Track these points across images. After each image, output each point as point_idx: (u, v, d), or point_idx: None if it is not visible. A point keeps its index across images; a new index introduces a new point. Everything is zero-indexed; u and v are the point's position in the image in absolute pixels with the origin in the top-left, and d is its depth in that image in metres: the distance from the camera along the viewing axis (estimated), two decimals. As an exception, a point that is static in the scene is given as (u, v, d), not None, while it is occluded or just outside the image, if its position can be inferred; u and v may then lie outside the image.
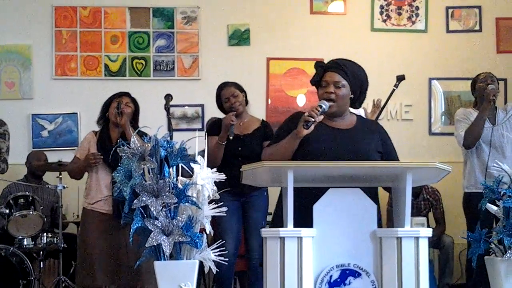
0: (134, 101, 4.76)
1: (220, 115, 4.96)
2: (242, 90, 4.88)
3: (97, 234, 4.48)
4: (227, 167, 4.30)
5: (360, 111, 4.67)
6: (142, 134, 4.01)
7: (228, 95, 4.81)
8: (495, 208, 3.52)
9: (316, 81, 3.37)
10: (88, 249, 4.49)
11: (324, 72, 3.34)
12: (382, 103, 5.52)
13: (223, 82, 4.94)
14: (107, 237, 4.46)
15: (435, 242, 6.11)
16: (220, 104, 4.87)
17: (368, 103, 5.89)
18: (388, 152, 3.35)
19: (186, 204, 3.08)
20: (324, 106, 3.23)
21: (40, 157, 6.26)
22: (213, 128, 4.82)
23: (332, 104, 3.27)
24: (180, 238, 3.01)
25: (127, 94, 4.77)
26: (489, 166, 4.66)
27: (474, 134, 4.85)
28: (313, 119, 3.17)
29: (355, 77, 3.33)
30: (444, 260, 6.20)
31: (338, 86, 3.29)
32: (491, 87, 4.83)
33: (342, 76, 3.30)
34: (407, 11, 7.01)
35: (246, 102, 4.91)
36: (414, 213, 5.96)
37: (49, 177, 6.17)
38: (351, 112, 3.44)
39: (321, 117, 3.22)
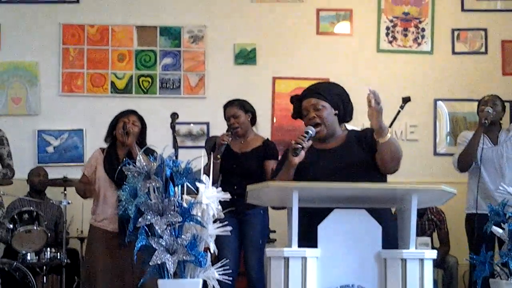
0: (141, 119, 4.78)
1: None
2: (247, 110, 4.89)
3: (102, 252, 4.49)
4: (222, 185, 4.32)
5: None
6: (148, 152, 4.02)
7: (229, 115, 4.87)
8: (500, 231, 3.51)
9: (297, 114, 3.39)
10: (93, 266, 4.49)
11: (301, 102, 3.36)
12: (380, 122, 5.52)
13: (231, 100, 4.97)
14: (112, 255, 4.46)
15: (439, 262, 6.09)
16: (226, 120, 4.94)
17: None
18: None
19: (191, 223, 3.08)
20: (310, 132, 3.24)
21: (39, 173, 6.27)
22: (211, 145, 4.89)
23: (319, 128, 3.28)
24: (184, 257, 3.00)
25: (134, 112, 4.78)
26: (490, 186, 4.69)
27: (466, 158, 4.88)
28: (300, 146, 3.18)
29: (330, 93, 3.33)
30: (448, 281, 6.18)
31: (317, 108, 3.29)
32: (486, 109, 4.84)
33: (318, 98, 3.30)
34: (413, 32, 7.03)
35: (254, 121, 4.93)
36: (419, 233, 5.93)
37: (54, 193, 6.18)
38: (344, 129, 3.43)
39: (310, 142, 3.22)
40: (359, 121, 3.53)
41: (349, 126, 3.61)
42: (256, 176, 4.55)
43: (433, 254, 2.97)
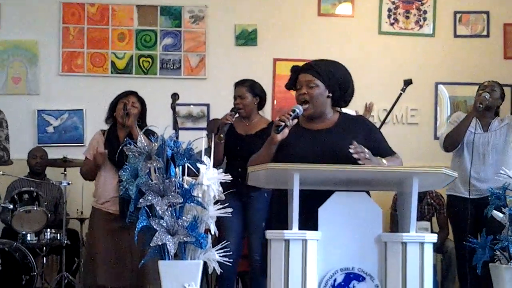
0: (141, 100, 4.76)
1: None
2: (256, 93, 4.85)
3: (103, 234, 4.49)
4: (227, 167, 4.31)
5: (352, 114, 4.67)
6: (149, 133, 4.01)
7: (236, 94, 4.84)
8: (501, 215, 3.51)
9: (290, 85, 3.35)
10: (93, 248, 4.50)
11: (298, 75, 3.32)
12: (375, 107, 5.53)
13: (243, 79, 4.94)
14: (113, 237, 4.46)
15: (438, 247, 6.10)
16: None
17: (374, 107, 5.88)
18: (373, 147, 3.18)
19: (192, 204, 3.08)
20: (297, 110, 3.21)
21: (36, 155, 6.23)
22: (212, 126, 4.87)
23: (306, 106, 3.25)
24: (185, 238, 3.01)
25: (134, 94, 4.76)
26: (469, 171, 4.70)
27: (453, 138, 4.84)
28: (283, 123, 3.16)
29: (329, 75, 3.27)
30: (446, 265, 6.19)
31: (310, 86, 3.25)
32: (484, 95, 4.80)
33: (314, 75, 3.25)
34: (415, 15, 7.00)
35: (261, 106, 4.90)
36: (418, 218, 5.92)
37: (54, 173, 6.18)
38: (336, 111, 3.38)
39: (294, 121, 3.19)
40: (357, 104, 3.49)
41: (344, 109, 3.58)
42: None
43: (433, 237, 2.97)
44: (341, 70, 3.33)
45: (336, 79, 3.29)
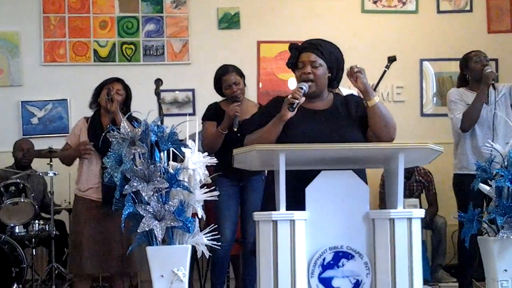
0: (126, 87, 4.72)
1: (214, 97, 4.90)
2: (242, 75, 4.80)
3: (87, 222, 4.45)
4: (225, 153, 4.27)
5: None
6: (132, 119, 3.98)
7: (230, 82, 4.70)
8: (487, 188, 3.51)
9: (292, 63, 3.34)
10: (78, 237, 4.46)
11: (299, 53, 3.31)
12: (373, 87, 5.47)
13: (223, 65, 4.81)
14: (97, 224, 4.43)
15: (428, 223, 6.13)
16: (219, 87, 4.80)
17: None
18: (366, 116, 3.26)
19: (178, 188, 3.07)
20: (304, 88, 3.21)
21: (22, 147, 6.12)
22: (211, 113, 4.77)
23: (311, 84, 3.25)
24: (172, 223, 2.99)
25: (119, 80, 4.72)
26: (481, 146, 4.62)
27: (472, 118, 4.72)
28: (297, 101, 3.16)
29: (330, 55, 3.31)
30: (436, 241, 6.23)
31: (315, 66, 3.27)
32: (489, 69, 4.73)
33: (317, 55, 3.28)
34: (397, -9, 6.98)
35: (244, 86, 4.85)
36: (406, 195, 5.97)
37: (40, 164, 6.13)
38: (330, 91, 3.41)
39: (304, 98, 3.20)
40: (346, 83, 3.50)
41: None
42: None
43: (421, 213, 2.97)
44: (338, 50, 3.38)
45: (336, 60, 3.33)
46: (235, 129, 4.59)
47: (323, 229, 2.94)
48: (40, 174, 5.89)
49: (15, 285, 5.29)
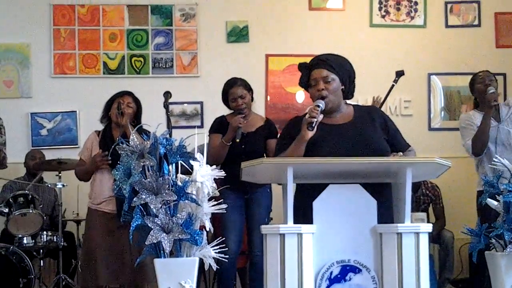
0: (136, 100, 4.74)
1: (222, 110, 4.94)
2: (249, 89, 4.83)
3: (100, 234, 4.47)
4: (230, 165, 4.29)
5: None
6: (142, 132, 4.00)
7: (236, 95, 4.75)
8: (495, 203, 3.51)
9: (304, 82, 3.34)
10: (92, 248, 4.48)
11: (310, 71, 3.32)
12: (381, 101, 5.50)
13: (232, 78, 4.87)
14: (110, 236, 4.45)
15: (435, 237, 6.11)
16: (226, 99, 4.84)
17: (367, 99, 5.89)
18: (393, 136, 3.30)
19: (186, 201, 3.08)
20: (321, 106, 3.19)
21: (35, 156, 6.24)
22: (216, 125, 4.81)
23: (327, 100, 3.25)
24: (180, 236, 3.00)
25: (130, 94, 4.75)
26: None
27: (481, 141, 4.77)
28: (315, 119, 3.14)
29: (341, 68, 3.31)
30: (444, 255, 6.20)
31: (327, 81, 3.26)
32: (491, 90, 4.75)
33: (329, 70, 3.27)
34: (405, 6, 7.00)
35: (252, 100, 4.88)
36: (414, 209, 5.95)
37: (49, 176, 6.16)
38: (347, 104, 3.40)
39: (321, 116, 3.19)
40: (355, 97, 3.51)
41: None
42: (261, 156, 4.54)
43: (429, 227, 2.97)
44: (348, 62, 3.37)
45: (347, 72, 3.33)
46: (238, 140, 4.61)
47: (330, 243, 2.95)
48: (49, 185, 5.91)
49: (23, 296, 5.31)
